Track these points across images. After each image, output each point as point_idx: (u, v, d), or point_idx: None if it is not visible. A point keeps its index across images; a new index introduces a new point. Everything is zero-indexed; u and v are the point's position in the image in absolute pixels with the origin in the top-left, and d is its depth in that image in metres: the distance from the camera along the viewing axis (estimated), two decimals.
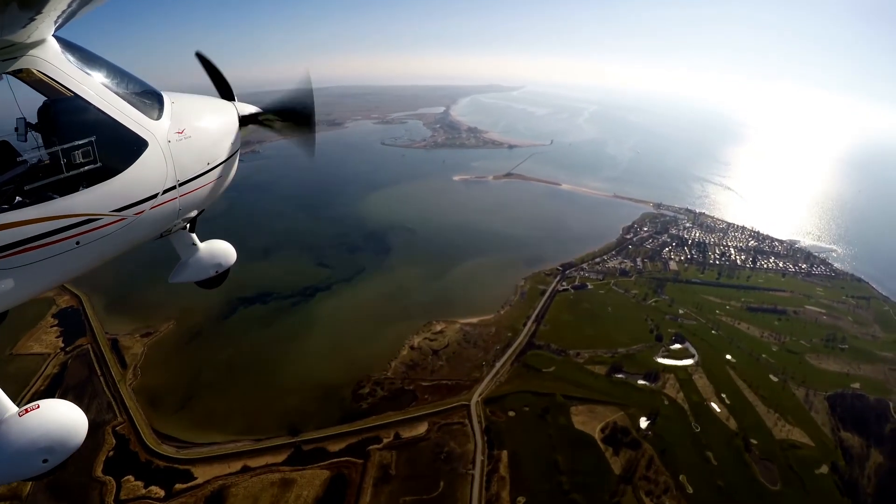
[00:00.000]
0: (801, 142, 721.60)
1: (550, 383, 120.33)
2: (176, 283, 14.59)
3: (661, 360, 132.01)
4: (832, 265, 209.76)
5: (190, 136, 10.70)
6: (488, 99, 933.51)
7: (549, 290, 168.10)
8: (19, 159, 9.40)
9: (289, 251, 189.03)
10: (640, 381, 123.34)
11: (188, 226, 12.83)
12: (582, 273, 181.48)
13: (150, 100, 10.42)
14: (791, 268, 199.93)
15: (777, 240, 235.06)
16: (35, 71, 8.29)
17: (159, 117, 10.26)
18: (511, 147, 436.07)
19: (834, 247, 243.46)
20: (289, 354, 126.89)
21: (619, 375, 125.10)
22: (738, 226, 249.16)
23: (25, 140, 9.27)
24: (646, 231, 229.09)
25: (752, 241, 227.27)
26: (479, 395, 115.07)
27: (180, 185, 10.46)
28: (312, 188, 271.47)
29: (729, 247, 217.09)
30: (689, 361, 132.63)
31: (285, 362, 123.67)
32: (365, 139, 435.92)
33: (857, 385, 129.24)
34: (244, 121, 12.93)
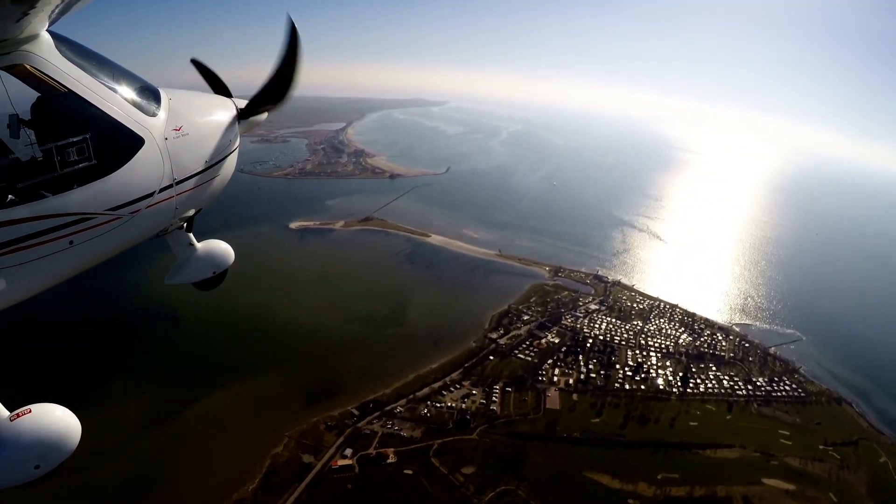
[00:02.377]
0: (745, 172, 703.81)
1: None
2: (172, 284, 14.41)
3: None
4: (798, 371, 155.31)
5: (188, 134, 10.82)
6: (402, 115, 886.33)
7: (318, 467, 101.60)
8: (11, 157, 9.55)
9: None
10: None
11: (185, 225, 13.06)
12: (388, 426, 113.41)
13: (146, 96, 10.49)
14: (740, 389, 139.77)
15: (720, 328, 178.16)
16: (28, 66, 8.41)
17: (156, 114, 10.35)
18: (393, 177, 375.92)
19: (796, 332, 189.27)
20: None
21: None
22: (666, 304, 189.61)
23: (18, 137, 9.30)
24: (526, 321, 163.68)
25: (685, 335, 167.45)
26: None
27: (177, 183, 10.56)
28: None
29: (649, 350, 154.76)
30: None
31: None
32: None
33: None
34: (243, 115, 12.77)
